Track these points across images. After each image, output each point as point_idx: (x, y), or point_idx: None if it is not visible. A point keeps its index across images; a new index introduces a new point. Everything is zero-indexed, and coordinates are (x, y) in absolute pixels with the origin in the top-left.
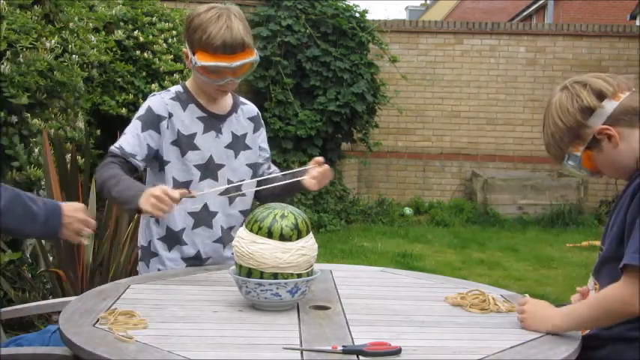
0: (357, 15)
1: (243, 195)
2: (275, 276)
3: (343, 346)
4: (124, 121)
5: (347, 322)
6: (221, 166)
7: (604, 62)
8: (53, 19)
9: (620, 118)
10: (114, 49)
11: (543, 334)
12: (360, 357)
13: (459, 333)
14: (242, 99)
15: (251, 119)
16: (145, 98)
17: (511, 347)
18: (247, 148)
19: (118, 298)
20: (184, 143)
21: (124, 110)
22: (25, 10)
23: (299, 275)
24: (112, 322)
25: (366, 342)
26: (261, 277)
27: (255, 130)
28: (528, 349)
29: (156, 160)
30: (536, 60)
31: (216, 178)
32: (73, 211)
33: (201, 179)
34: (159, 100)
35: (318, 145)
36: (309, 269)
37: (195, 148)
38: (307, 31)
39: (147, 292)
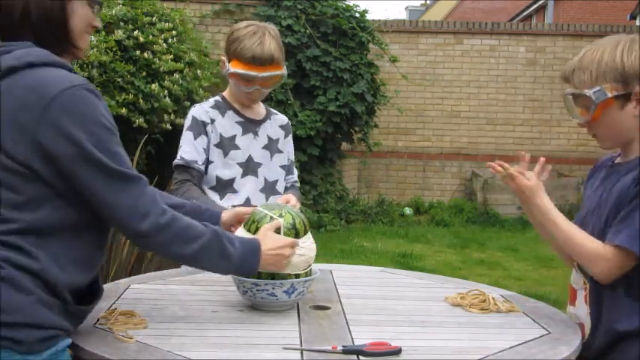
0: (357, 15)
1: None
2: (272, 276)
3: (343, 346)
4: (124, 121)
5: (347, 322)
6: (259, 164)
7: None
8: None
9: None
10: (114, 49)
11: (543, 335)
12: (360, 357)
13: (459, 333)
14: (273, 110)
15: (282, 127)
16: (145, 98)
17: (511, 347)
18: (279, 151)
19: (118, 298)
20: (226, 145)
21: (124, 110)
22: None
23: (297, 275)
24: (112, 322)
25: (366, 342)
26: (259, 277)
27: (286, 136)
28: (528, 349)
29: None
30: (536, 60)
31: (256, 175)
32: (274, 247)
33: (243, 176)
34: (200, 110)
35: (318, 145)
36: (308, 269)
37: (236, 147)
38: (307, 31)
39: (147, 292)
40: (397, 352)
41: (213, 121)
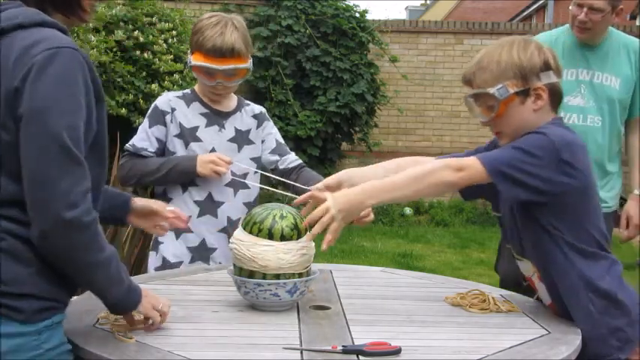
0: (357, 15)
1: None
2: (277, 277)
3: (343, 346)
4: (124, 121)
5: (347, 322)
6: None
7: None
8: None
9: (554, 93)
10: (114, 50)
11: (543, 335)
12: (360, 357)
13: (459, 333)
14: (247, 101)
15: (254, 116)
16: (145, 98)
17: (511, 347)
18: (251, 142)
19: None
20: (187, 135)
21: (124, 110)
22: None
23: (299, 275)
24: (112, 322)
25: (366, 342)
26: (264, 279)
27: (259, 125)
28: (528, 349)
29: (165, 151)
30: None
31: None
32: (154, 299)
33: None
34: (163, 98)
35: (318, 146)
36: (308, 268)
37: (197, 140)
38: (307, 31)
39: None
40: (397, 351)
41: (173, 110)
